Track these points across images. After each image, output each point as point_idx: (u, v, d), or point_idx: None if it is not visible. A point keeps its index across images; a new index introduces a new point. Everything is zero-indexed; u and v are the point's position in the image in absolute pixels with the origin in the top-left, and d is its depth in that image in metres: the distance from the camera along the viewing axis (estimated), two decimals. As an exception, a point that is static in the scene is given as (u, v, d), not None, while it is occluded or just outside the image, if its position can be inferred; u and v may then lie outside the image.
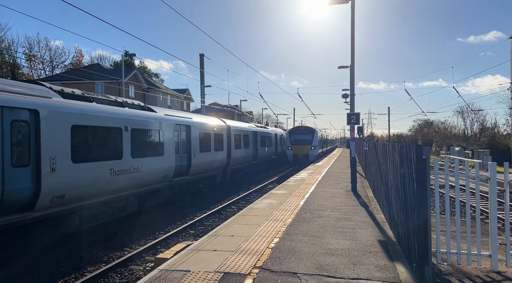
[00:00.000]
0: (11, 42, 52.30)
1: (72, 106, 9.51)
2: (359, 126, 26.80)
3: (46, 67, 58.12)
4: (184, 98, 57.78)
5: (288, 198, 13.01)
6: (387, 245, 7.36)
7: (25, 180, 8.08)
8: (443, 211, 10.36)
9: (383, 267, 6.09)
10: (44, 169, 8.35)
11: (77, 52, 68.36)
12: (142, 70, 62.56)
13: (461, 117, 77.28)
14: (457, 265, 6.42)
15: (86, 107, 10.06)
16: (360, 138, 40.72)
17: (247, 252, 6.86)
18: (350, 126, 16.14)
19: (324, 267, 6.07)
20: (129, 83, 43.52)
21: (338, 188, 15.91)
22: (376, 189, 13.16)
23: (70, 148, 9.17)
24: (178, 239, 11.05)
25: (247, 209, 11.17)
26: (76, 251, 9.69)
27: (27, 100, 8.18)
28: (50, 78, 48.47)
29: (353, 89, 16.25)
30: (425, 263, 5.33)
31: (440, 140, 78.58)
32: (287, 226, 8.91)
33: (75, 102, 9.82)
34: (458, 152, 44.01)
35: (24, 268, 8.43)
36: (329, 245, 7.34)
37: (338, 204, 11.90)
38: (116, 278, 8.19)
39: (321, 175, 21.46)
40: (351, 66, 15.92)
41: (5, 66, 49.35)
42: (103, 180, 10.28)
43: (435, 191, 6.53)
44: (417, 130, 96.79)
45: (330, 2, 14.89)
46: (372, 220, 9.67)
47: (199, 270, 5.96)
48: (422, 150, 5.51)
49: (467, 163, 7.00)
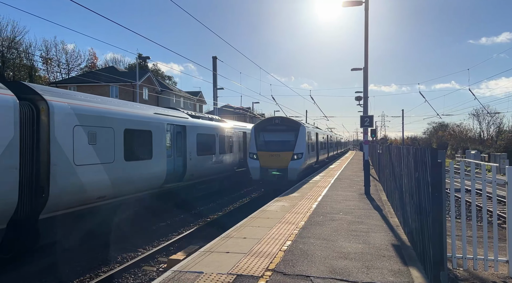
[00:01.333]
0: (29, 45, 53.51)
1: (196, 122, 16.89)
2: (372, 128, 26.62)
3: (62, 70, 59.25)
4: (197, 100, 58.19)
5: (300, 201, 12.98)
6: (401, 249, 7.28)
7: (182, 164, 15.22)
8: (458, 216, 10.20)
9: (397, 271, 6.03)
10: (188, 158, 15.48)
11: (91, 55, 69.37)
12: (155, 72, 63.26)
13: (477, 120, 76.06)
14: (473, 271, 6.31)
15: (201, 122, 17.47)
16: (373, 141, 39.27)
17: (259, 255, 6.87)
18: (364, 129, 16.01)
19: (337, 270, 6.04)
20: (143, 86, 44.04)
21: (351, 191, 15.79)
22: (389, 193, 13.02)
23: (196, 146, 16.23)
24: (191, 240, 11.11)
25: (259, 211, 11.18)
26: (91, 251, 9.84)
27: (183, 121, 15.69)
28: (66, 80, 49.37)
29: (366, 92, 16.14)
30: (441, 268, 5.26)
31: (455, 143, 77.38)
32: (300, 229, 8.89)
33: (196, 120, 17.02)
34: (474, 155, 43.26)
35: (42, 267, 8.60)
36: (342, 248, 7.30)
37: (351, 207, 11.81)
38: (129, 279, 8.28)
39: (333, 178, 21.34)
40: (365, 68, 15.82)
41: (23, 69, 50.47)
42: (208, 166, 17.87)
43: (451, 195, 6.44)
44: (431, 133, 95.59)
45: (343, 4, 14.83)
46: (386, 224, 9.57)
47: (212, 271, 5.99)
48: (438, 154, 5.44)
49: (484, 167, 6.87)
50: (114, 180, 10.73)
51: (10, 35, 48.85)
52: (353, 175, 23.01)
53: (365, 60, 15.47)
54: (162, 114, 14.14)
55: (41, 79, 52.62)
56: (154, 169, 12.81)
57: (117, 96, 42.24)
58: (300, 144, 19.59)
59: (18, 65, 50.16)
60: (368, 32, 15.08)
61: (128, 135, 11.49)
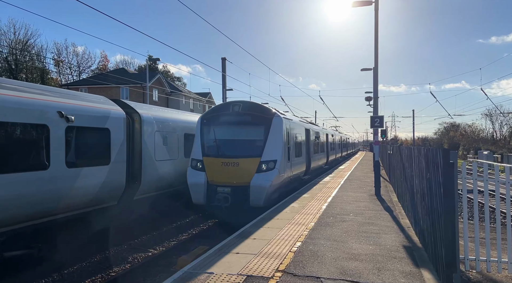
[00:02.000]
0: (40, 48, 54.30)
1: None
2: (382, 129, 26.39)
3: (73, 72, 60.00)
4: (206, 101, 58.44)
5: (310, 202, 12.94)
6: (412, 251, 7.21)
7: None
8: (471, 217, 10.06)
9: (409, 273, 5.97)
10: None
11: (102, 57, 70.16)
12: (165, 74, 63.67)
13: (490, 120, 75.02)
14: (487, 273, 6.23)
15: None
16: (383, 142, 38.43)
17: (269, 256, 6.87)
18: (374, 129, 15.91)
19: (348, 272, 6.01)
20: (153, 87, 44.37)
21: (361, 192, 15.69)
22: (400, 194, 12.91)
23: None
24: (201, 240, 11.15)
25: (268, 212, 11.16)
26: (102, 250, 9.94)
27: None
28: (77, 82, 49.97)
29: (376, 92, 16.03)
30: (453, 270, 5.20)
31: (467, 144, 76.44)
32: (310, 230, 8.86)
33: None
34: (487, 156, 42.65)
35: (54, 267, 8.72)
36: (353, 249, 7.26)
37: (362, 209, 11.74)
38: (140, 279, 8.34)
39: (343, 178, 21.24)
40: (375, 68, 15.72)
41: (35, 72, 51.24)
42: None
43: (463, 196, 6.36)
44: (442, 133, 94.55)
45: (353, 5, 14.78)
46: (397, 225, 9.49)
47: (222, 272, 6.01)
48: (450, 154, 5.38)
49: (497, 168, 6.77)
50: (178, 172, 13.51)
51: (23, 38, 49.71)
52: (363, 176, 22.86)
53: (375, 60, 15.39)
54: None
55: (53, 81, 53.35)
56: None
57: (127, 97, 42.62)
58: (272, 146, 12.42)
59: (31, 68, 50.97)
60: (378, 32, 15.01)
61: (186, 138, 14.50)
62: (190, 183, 12.42)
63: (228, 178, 12.05)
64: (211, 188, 12.08)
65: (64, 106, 8.74)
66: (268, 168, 12.15)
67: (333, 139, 32.00)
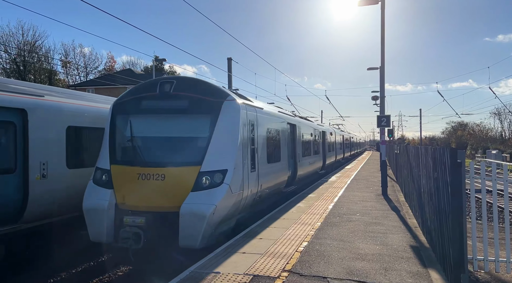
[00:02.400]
0: (48, 49, 54.78)
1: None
2: (389, 128, 26.22)
3: (80, 73, 60.45)
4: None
5: (316, 202, 12.91)
6: (419, 251, 7.17)
7: None
8: (479, 217, 9.96)
9: (416, 273, 5.93)
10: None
11: (109, 58, 70.59)
12: (171, 75, 63.92)
13: (498, 119, 74.28)
14: (495, 273, 6.17)
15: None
16: (390, 141, 38.09)
17: (275, 255, 6.86)
18: (380, 129, 15.84)
19: (355, 272, 5.98)
20: (159, 88, 44.48)
21: (368, 192, 15.62)
22: (407, 193, 12.83)
23: None
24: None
25: (274, 212, 11.16)
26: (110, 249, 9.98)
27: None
28: (85, 83, 50.38)
29: (383, 91, 15.96)
30: (461, 270, 5.16)
31: (475, 143, 75.79)
32: (316, 230, 8.84)
33: None
34: (495, 155, 42.22)
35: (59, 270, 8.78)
36: (359, 249, 7.23)
37: (368, 208, 11.68)
38: (147, 278, 8.37)
39: (349, 178, 21.16)
40: (381, 67, 15.65)
41: (43, 73, 51.73)
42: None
43: (471, 195, 6.31)
44: (450, 133, 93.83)
45: (359, 4, 14.73)
46: (404, 225, 9.43)
47: (228, 272, 6.01)
48: (457, 154, 5.34)
49: (506, 167, 6.71)
50: None
51: (31, 40, 50.20)
52: (369, 176, 22.76)
53: (382, 59, 15.33)
54: None
55: (61, 82, 53.80)
56: None
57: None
58: (221, 148, 8.16)
59: (39, 69, 51.45)
60: (385, 31, 14.95)
61: None
62: (85, 208, 7.92)
63: (146, 199, 7.73)
64: (119, 213, 7.78)
65: None
66: (212, 183, 7.75)
67: (332, 138, 27.94)
